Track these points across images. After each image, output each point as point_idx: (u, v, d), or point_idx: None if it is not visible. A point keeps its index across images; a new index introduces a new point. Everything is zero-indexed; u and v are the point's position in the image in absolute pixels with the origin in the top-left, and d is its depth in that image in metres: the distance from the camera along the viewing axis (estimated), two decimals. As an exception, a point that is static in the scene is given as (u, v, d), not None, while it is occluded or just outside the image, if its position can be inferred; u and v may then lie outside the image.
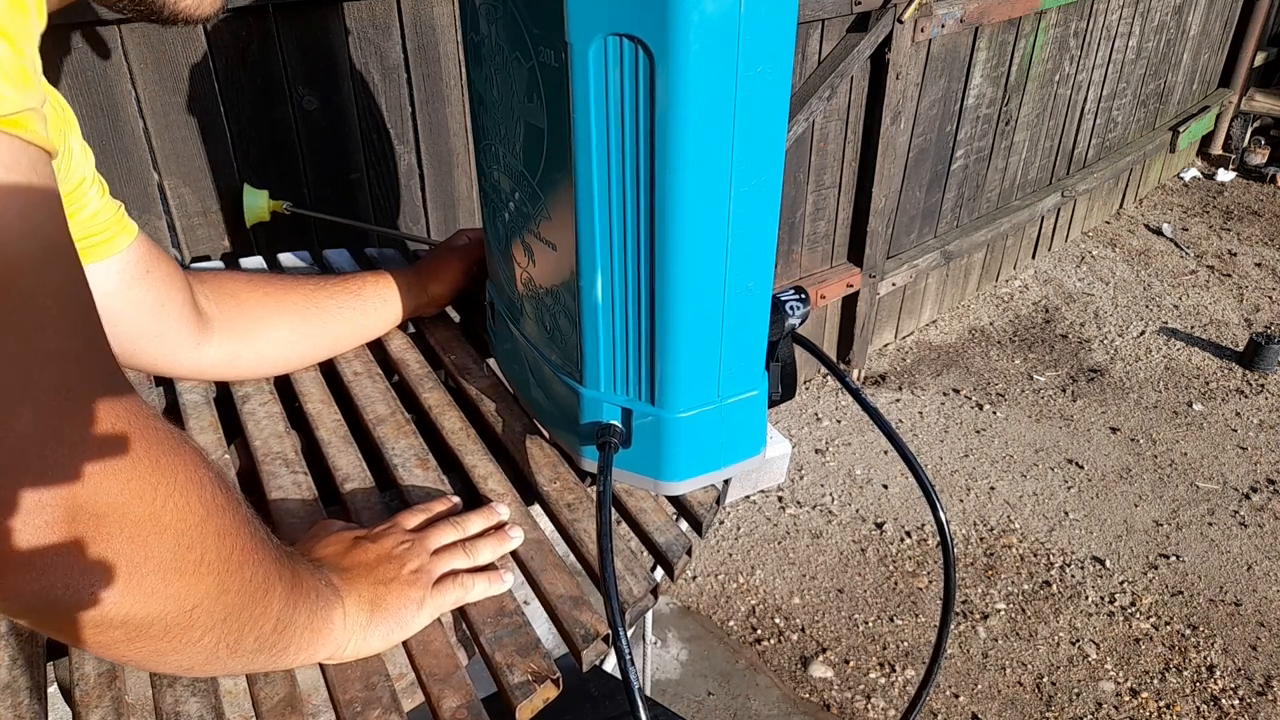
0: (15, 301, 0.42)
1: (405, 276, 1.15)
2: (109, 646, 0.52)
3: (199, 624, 0.55)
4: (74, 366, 0.46)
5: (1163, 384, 3.21)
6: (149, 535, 0.49)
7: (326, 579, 0.69)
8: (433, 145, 1.80)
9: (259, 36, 1.50)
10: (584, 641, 0.72)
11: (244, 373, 1.06)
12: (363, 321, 1.11)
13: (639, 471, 0.89)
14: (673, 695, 2.08)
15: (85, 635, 0.49)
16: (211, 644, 0.57)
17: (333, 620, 0.67)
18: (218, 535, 0.55)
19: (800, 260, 2.87)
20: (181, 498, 0.52)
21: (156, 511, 0.50)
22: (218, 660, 0.58)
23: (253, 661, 0.62)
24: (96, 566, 0.47)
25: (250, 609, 0.58)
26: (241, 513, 0.58)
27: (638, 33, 0.65)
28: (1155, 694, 2.10)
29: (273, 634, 0.62)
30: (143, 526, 0.49)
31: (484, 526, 0.83)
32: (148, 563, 0.50)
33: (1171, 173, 4.76)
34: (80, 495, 0.45)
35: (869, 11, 2.46)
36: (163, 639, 0.53)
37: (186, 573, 0.52)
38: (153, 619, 0.51)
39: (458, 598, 0.75)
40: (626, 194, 0.73)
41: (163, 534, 0.50)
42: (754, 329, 0.85)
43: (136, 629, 0.51)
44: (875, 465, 2.79)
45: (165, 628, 0.53)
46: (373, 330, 1.14)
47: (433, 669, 0.70)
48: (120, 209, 0.88)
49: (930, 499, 0.88)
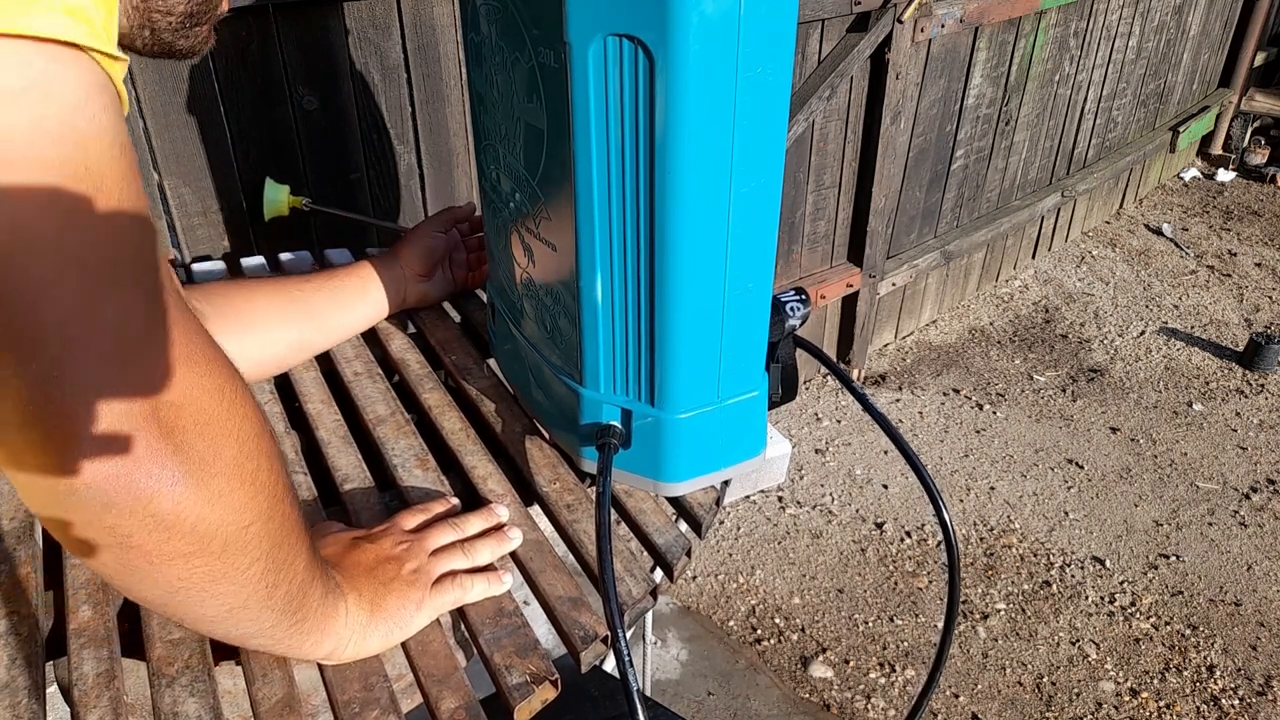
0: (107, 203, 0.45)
1: (378, 259, 1.15)
2: (170, 559, 0.51)
3: (252, 547, 0.55)
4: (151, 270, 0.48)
5: (1163, 384, 3.20)
6: (218, 435, 0.51)
7: (330, 573, 0.69)
8: (433, 145, 1.80)
9: (259, 36, 1.50)
10: (583, 642, 0.72)
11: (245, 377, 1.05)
12: (347, 311, 1.11)
13: (639, 472, 0.89)
14: (673, 695, 2.08)
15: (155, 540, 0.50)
16: (257, 576, 0.57)
17: (337, 612, 0.68)
18: (269, 456, 0.56)
19: (800, 260, 2.87)
20: (242, 406, 0.54)
21: (224, 414, 0.52)
22: (255, 603, 0.58)
23: (278, 622, 0.62)
24: (175, 458, 0.48)
25: (288, 547, 0.59)
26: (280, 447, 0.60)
27: (637, 33, 0.65)
28: (1155, 694, 2.10)
29: (299, 591, 0.62)
30: (214, 425, 0.51)
31: (483, 527, 0.83)
32: (216, 462, 0.51)
33: (1171, 173, 4.76)
34: (162, 384, 0.47)
35: (869, 11, 2.46)
36: (219, 558, 0.53)
37: (246, 482, 0.53)
38: (215, 529, 0.52)
39: (456, 598, 0.75)
40: (626, 194, 0.73)
41: (229, 436, 0.52)
42: (754, 330, 0.85)
43: (200, 539, 0.51)
44: (875, 465, 2.79)
45: (224, 544, 0.53)
46: (360, 319, 1.13)
47: (431, 670, 0.70)
48: None
49: (936, 503, 0.88)
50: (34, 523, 0.84)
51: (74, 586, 0.76)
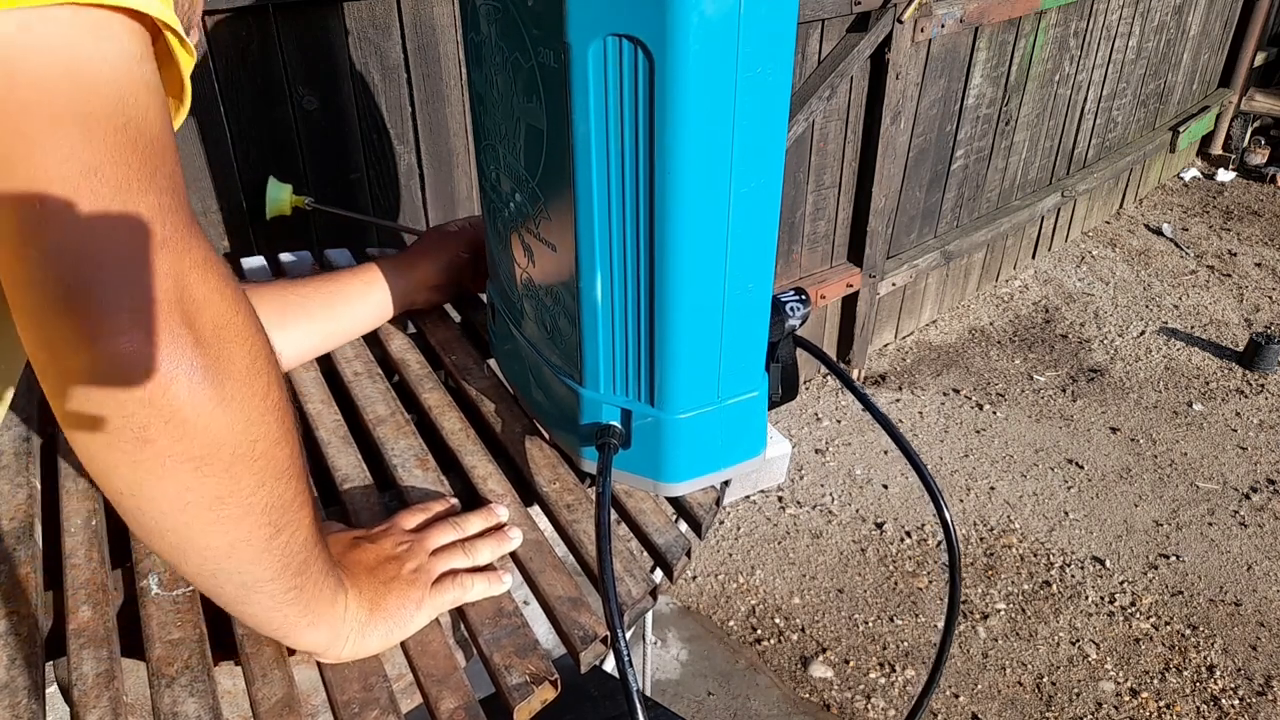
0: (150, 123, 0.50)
1: (390, 263, 1.14)
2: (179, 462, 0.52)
3: (258, 466, 0.56)
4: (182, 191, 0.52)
5: (1163, 384, 3.20)
6: (233, 340, 0.53)
7: (334, 565, 0.69)
8: (433, 145, 1.80)
9: (259, 36, 1.50)
10: (582, 643, 0.72)
11: None
12: (348, 313, 1.10)
13: (638, 472, 0.89)
14: (673, 695, 2.08)
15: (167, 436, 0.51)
16: (261, 506, 0.57)
17: (337, 603, 0.67)
18: (277, 380, 0.58)
19: (800, 260, 2.87)
20: (254, 323, 0.56)
21: (239, 322, 0.54)
22: (257, 540, 0.58)
23: (278, 576, 0.61)
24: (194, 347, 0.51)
25: (294, 488, 0.60)
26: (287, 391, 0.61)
27: (637, 34, 0.65)
28: (1155, 694, 2.10)
29: (301, 550, 0.62)
30: (229, 330, 0.53)
31: (483, 527, 0.82)
32: (230, 366, 0.53)
33: (1171, 173, 4.76)
34: (188, 279, 0.51)
35: (869, 11, 2.46)
36: (227, 472, 0.54)
37: (257, 395, 0.55)
38: (224, 435, 0.53)
39: (456, 598, 0.75)
40: (626, 195, 0.73)
41: (242, 345, 0.54)
42: (754, 330, 0.85)
43: (210, 444, 0.52)
44: (875, 465, 2.79)
45: (234, 454, 0.54)
46: (362, 321, 1.12)
47: (431, 670, 0.70)
48: None
49: (938, 504, 0.88)
50: (34, 523, 0.84)
51: (74, 587, 0.76)
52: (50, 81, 0.46)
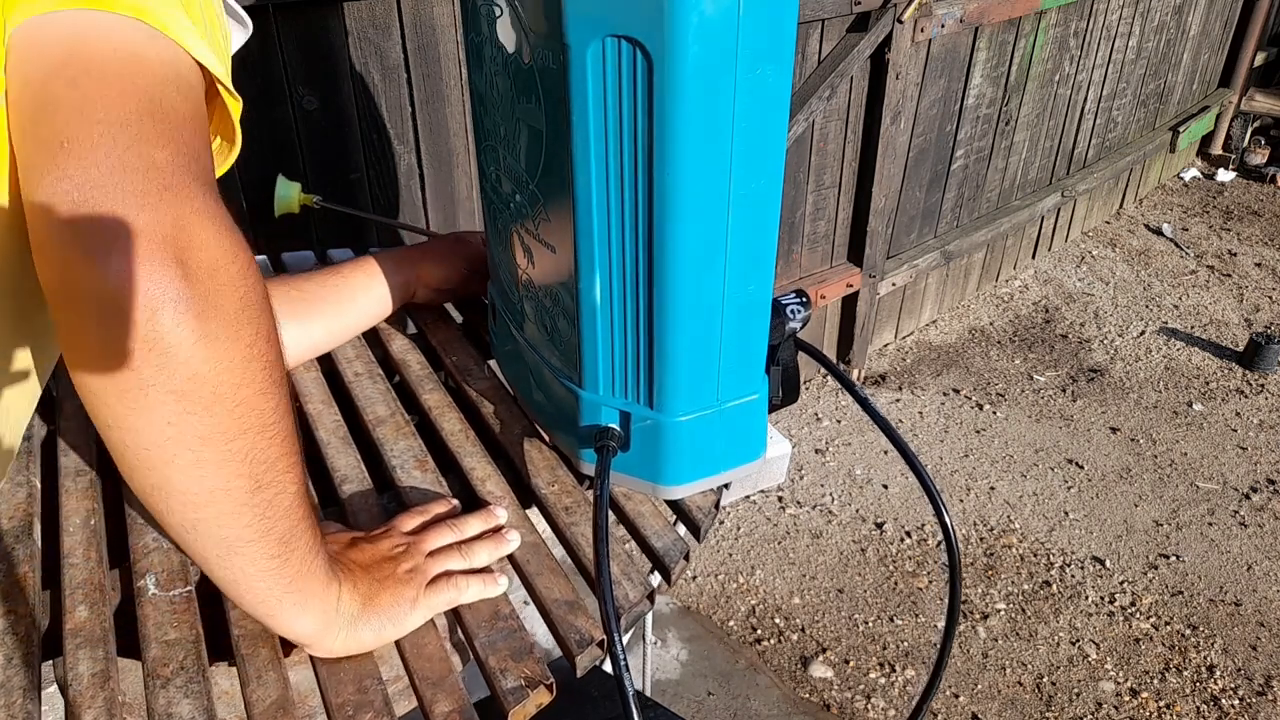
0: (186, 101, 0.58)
1: (392, 257, 1.14)
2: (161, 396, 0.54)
3: (240, 413, 0.57)
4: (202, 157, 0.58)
5: (1163, 384, 3.20)
6: (224, 283, 0.56)
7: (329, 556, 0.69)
8: (433, 145, 1.80)
9: (259, 36, 1.50)
10: (579, 646, 0.72)
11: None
12: (352, 308, 1.10)
13: (637, 475, 0.89)
14: (673, 695, 2.08)
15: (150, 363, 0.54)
16: (242, 454, 0.58)
17: (329, 591, 0.68)
18: (268, 337, 0.60)
19: (800, 260, 2.86)
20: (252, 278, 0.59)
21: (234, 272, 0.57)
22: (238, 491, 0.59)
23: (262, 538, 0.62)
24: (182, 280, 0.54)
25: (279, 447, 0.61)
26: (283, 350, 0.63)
27: (636, 34, 0.65)
28: (1155, 694, 2.10)
29: (286, 516, 0.62)
30: (220, 273, 0.56)
31: (481, 529, 0.82)
32: (218, 306, 0.55)
33: (1171, 173, 4.76)
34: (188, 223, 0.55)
35: (869, 11, 2.46)
36: (209, 410, 0.56)
37: (243, 343, 0.57)
38: (208, 371, 0.55)
39: (451, 599, 0.75)
40: (625, 196, 0.73)
41: (233, 289, 0.57)
42: (754, 333, 0.85)
43: (192, 377, 0.55)
44: (875, 465, 2.79)
45: (215, 393, 0.56)
46: (365, 316, 1.12)
47: (426, 672, 0.70)
48: None
49: (939, 509, 0.88)
50: (33, 522, 0.84)
51: (71, 586, 0.76)
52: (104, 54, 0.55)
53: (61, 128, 0.53)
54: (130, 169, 0.54)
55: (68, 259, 0.53)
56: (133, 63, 0.56)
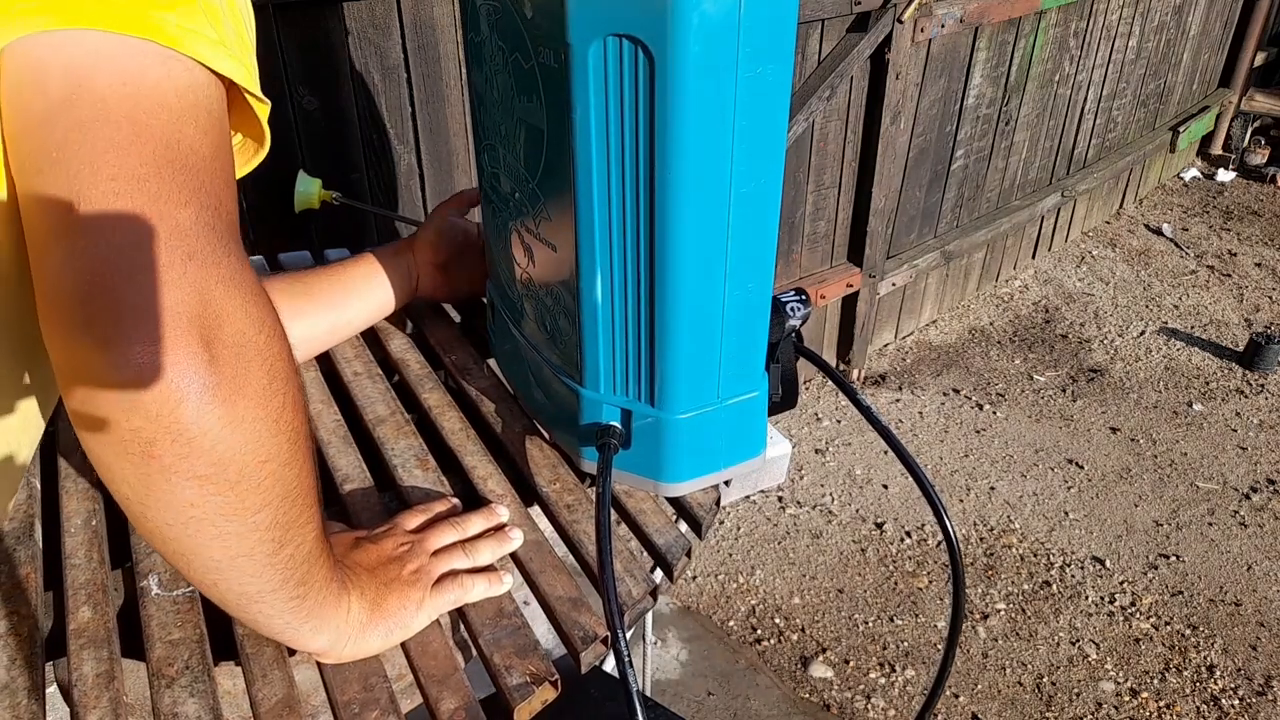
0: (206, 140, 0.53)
1: (388, 248, 1.14)
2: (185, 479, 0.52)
3: (265, 486, 0.55)
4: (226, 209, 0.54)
5: (1163, 384, 3.20)
6: (252, 360, 0.53)
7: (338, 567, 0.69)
8: (433, 145, 1.80)
9: (259, 36, 1.50)
10: (583, 643, 0.72)
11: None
12: (355, 301, 1.09)
13: (639, 473, 0.89)
14: (673, 695, 2.08)
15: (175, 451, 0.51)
16: (266, 524, 0.57)
17: (340, 606, 0.68)
18: (295, 402, 0.57)
19: (800, 260, 2.87)
20: (280, 344, 0.56)
21: (261, 342, 0.54)
22: (260, 555, 0.58)
23: (280, 587, 0.61)
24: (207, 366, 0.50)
25: (301, 506, 0.59)
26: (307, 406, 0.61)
27: (638, 33, 0.65)
28: (1155, 694, 2.10)
29: (305, 562, 0.62)
30: (248, 350, 0.53)
31: (484, 527, 0.83)
32: (245, 386, 0.53)
33: (1171, 173, 4.76)
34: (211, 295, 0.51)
35: (869, 11, 2.46)
36: (233, 490, 0.54)
37: (270, 417, 0.54)
38: (233, 454, 0.53)
39: (457, 598, 0.75)
40: (626, 195, 0.73)
41: (261, 366, 0.54)
42: (754, 330, 0.85)
43: (217, 463, 0.52)
44: (875, 465, 2.79)
45: (240, 473, 0.54)
46: (368, 311, 1.12)
47: (431, 670, 0.70)
48: None
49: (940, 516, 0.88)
50: (34, 523, 0.84)
51: (74, 587, 0.76)
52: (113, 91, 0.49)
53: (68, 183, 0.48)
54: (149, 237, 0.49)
55: (79, 345, 0.48)
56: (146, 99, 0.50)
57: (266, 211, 1.62)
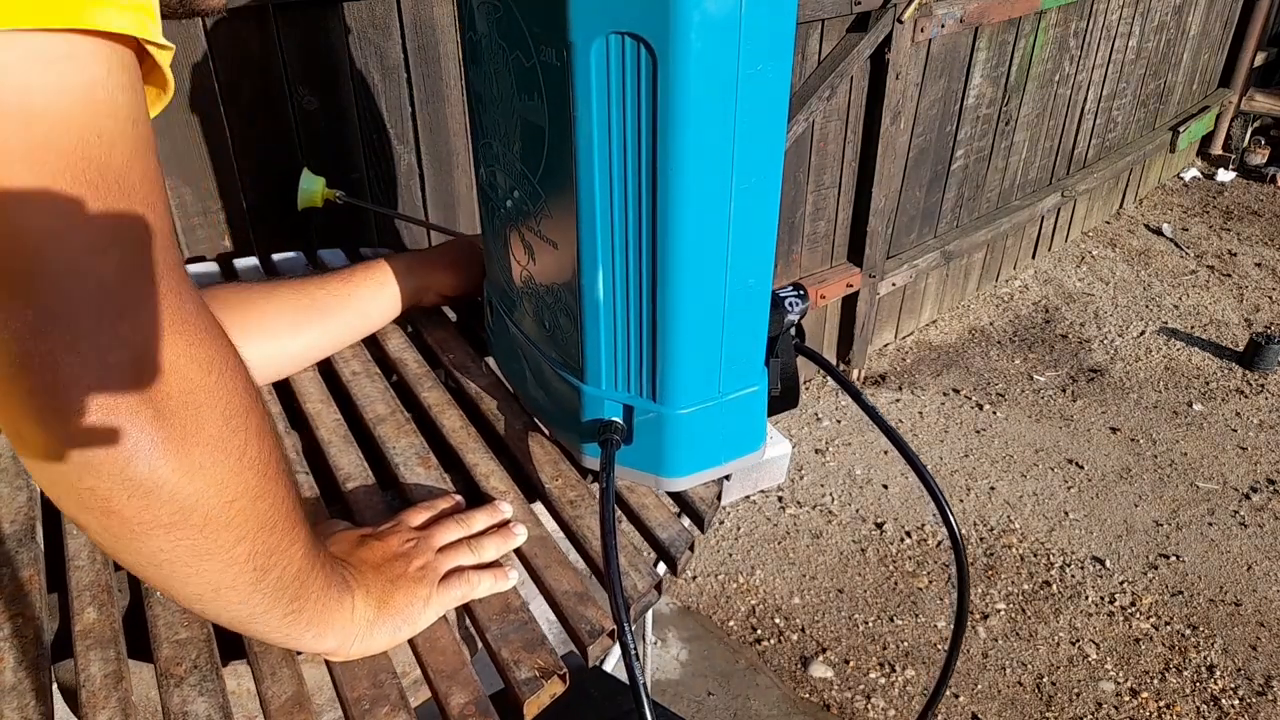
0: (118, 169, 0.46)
1: (404, 262, 1.14)
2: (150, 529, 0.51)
3: (236, 524, 0.54)
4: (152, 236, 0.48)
5: (1163, 384, 3.21)
6: (202, 405, 0.50)
7: (338, 570, 0.69)
8: (433, 145, 1.81)
9: (259, 36, 1.50)
10: (589, 637, 0.72)
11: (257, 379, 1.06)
12: (364, 310, 1.10)
13: (640, 468, 0.89)
14: (673, 695, 2.08)
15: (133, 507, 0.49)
16: (243, 557, 0.56)
17: (344, 608, 0.68)
18: (259, 434, 0.55)
19: (800, 260, 2.87)
20: (233, 381, 0.53)
21: (211, 383, 0.51)
22: (242, 585, 0.57)
23: (271, 608, 0.61)
24: (155, 424, 0.48)
25: (280, 533, 0.58)
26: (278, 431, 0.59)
27: (640, 31, 0.65)
28: (1155, 694, 2.10)
29: (294, 581, 0.61)
30: (198, 395, 0.50)
31: (488, 524, 0.83)
32: (199, 433, 0.50)
33: (1171, 173, 4.77)
34: (150, 348, 0.48)
35: (869, 11, 2.46)
36: (201, 532, 0.53)
37: (231, 456, 0.53)
38: (196, 501, 0.51)
39: (463, 594, 0.75)
40: (628, 192, 0.73)
41: (214, 408, 0.51)
42: (754, 325, 0.85)
43: (180, 510, 0.51)
44: (875, 465, 2.80)
45: (205, 518, 0.52)
46: (377, 318, 1.12)
47: (440, 666, 0.70)
48: None
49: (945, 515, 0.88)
50: (35, 525, 0.84)
51: (78, 589, 0.76)
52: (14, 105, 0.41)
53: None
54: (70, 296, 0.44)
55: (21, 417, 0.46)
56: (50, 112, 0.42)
57: (266, 211, 1.62)
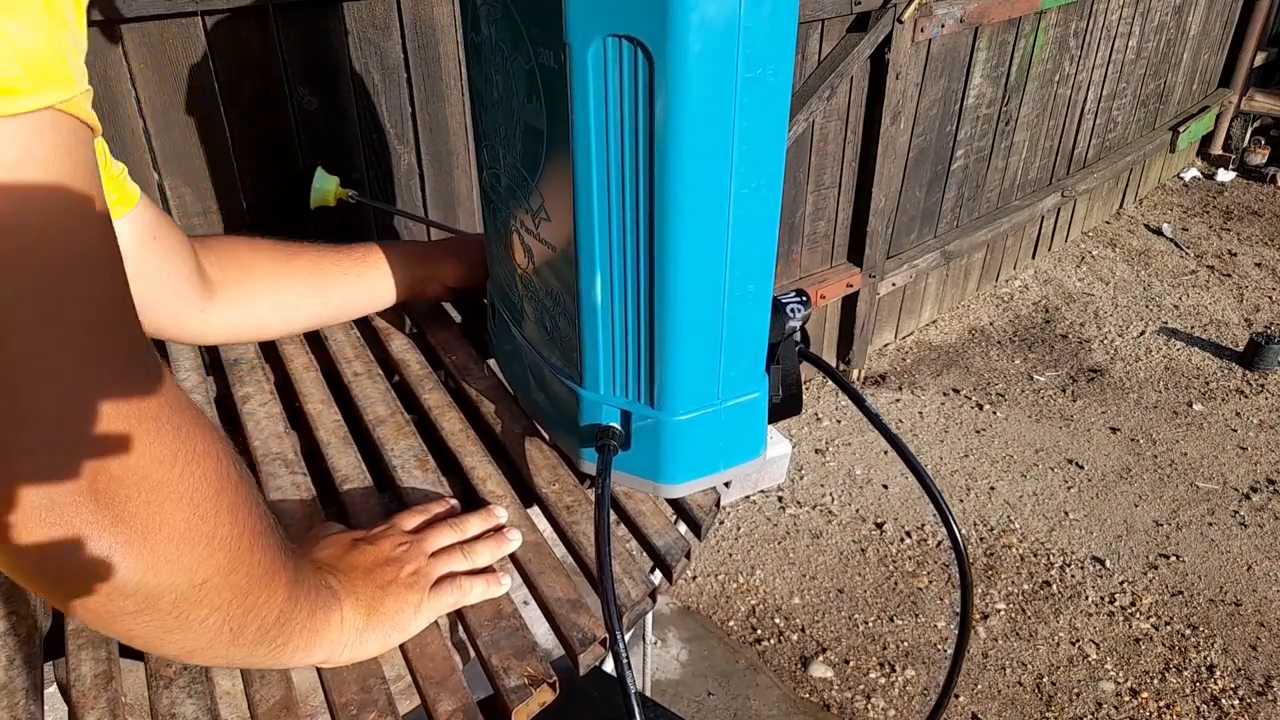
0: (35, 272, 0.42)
1: (411, 249, 1.15)
2: (117, 617, 0.51)
3: (207, 601, 0.54)
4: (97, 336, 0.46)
5: (1163, 384, 3.20)
6: (165, 501, 0.49)
7: (325, 581, 0.69)
8: (433, 145, 1.80)
9: (259, 37, 1.50)
10: (581, 644, 0.72)
11: (250, 336, 1.08)
12: (367, 288, 1.11)
13: (638, 474, 0.89)
14: (673, 695, 2.08)
15: (96, 602, 0.49)
16: (216, 624, 0.56)
17: (330, 622, 0.67)
18: (231, 511, 0.54)
19: (800, 260, 2.86)
20: (199, 468, 0.52)
21: (174, 479, 0.50)
22: (219, 645, 0.57)
23: (252, 653, 0.61)
24: (113, 529, 0.47)
25: (256, 593, 0.58)
26: (254, 494, 0.58)
27: (637, 34, 0.65)
28: (1155, 694, 2.10)
29: (274, 626, 0.61)
30: (160, 492, 0.49)
31: (483, 529, 0.82)
32: (163, 529, 0.50)
33: (1171, 173, 4.76)
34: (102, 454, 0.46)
35: (869, 11, 2.46)
36: (170, 613, 0.52)
37: (200, 544, 0.52)
38: (163, 589, 0.51)
39: (455, 600, 0.75)
40: (626, 196, 0.73)
41: (179, 501, 0.50)
42: (754, 332, 0.85)
43: (146, 599, 0.51)
44: (875, 465, 2.79)
45: (174, 601, 0.52)
46: (378, 299, 1.14)
47: (429, 672, 0.70)
48: (123, 173, 0.88)
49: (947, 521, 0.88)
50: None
51: (73, 588, 0.76)
52: None
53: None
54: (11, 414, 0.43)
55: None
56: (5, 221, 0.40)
57: (266, 211, 1.62)
